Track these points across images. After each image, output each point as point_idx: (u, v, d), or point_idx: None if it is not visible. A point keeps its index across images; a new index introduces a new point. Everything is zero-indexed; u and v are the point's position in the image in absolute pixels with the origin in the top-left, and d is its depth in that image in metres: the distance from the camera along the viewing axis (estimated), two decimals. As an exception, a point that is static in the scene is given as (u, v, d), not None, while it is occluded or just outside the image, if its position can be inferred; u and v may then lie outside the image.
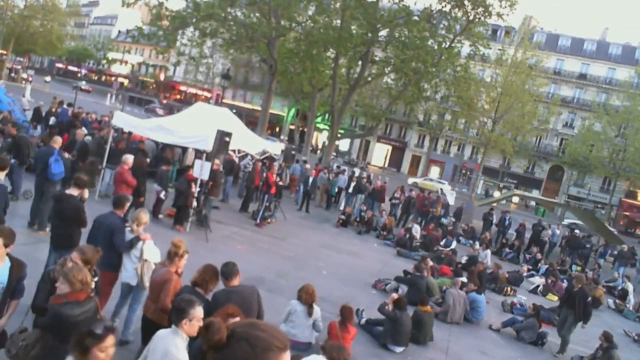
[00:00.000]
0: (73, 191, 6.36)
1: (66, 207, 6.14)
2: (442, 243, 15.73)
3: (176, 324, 3.41)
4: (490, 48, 23.78)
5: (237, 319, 3.18)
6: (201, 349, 3.45)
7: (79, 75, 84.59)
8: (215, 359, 1.45)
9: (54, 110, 17.09)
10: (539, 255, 17.08)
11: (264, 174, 14.34)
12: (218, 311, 3.59)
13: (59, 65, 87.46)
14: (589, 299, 8.67)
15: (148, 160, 12.27)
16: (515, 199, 38.34)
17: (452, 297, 9.41)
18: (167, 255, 4.97)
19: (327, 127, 40.95)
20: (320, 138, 55.20)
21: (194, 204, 10.90)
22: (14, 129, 11.46)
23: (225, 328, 1.48)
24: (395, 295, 7.73)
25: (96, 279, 4.12)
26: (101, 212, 5.87)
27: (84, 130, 13.32)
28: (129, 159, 9.91)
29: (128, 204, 5.90)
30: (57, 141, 9.07)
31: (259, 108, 35.44)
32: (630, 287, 14.90)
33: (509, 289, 12.91)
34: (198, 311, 3.44)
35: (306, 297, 6.38)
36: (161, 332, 3.55)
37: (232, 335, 1.43)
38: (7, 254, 4.16)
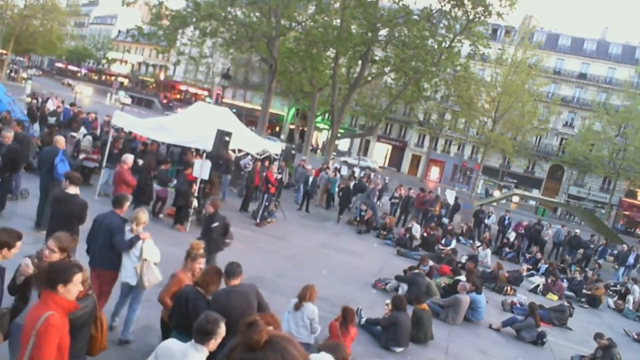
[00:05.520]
0: (72, 189, 6.38)
1: (73, 207, 6.23)
2: (442, 242, 15.73)
3: (202, 344, 3.21)
4: (490, 47, 23.73)
5: (271, 327, 3.13)
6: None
7: (78, 75, 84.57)
8: (244, 357, 1.47)
9: (46, 110, 17.10)
10: (539, 255, 17.08)
11: (264, 174, 14.34)
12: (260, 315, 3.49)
13: (59, 64, 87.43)
14: (215, 224, 8.08)
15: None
16: (516, 199, 38.33)
17: (461, 304, 9.38)
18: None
19: (327, 127, 40.98)
20: (320, 138, 55.17)
21: (194, 203, 10.90)
22: (19, 127, 11.43)
23: (266, 332, 1.49)
24: (390, 309, 7.70)
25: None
26: (101, 211, 5.86)
27: (11, 132, 9.35)
28: (129, 158, 9.91)
29: (127, 203, 5.89)
30: (61, 141, 9.05)
31: (259, 108, 35.40)
32: (636, 289, 14.80)
33: (508, 288, 12.90)
34: (223, 328, 3.27)
35: (302, 291, 6.23)
36: (176, 345, 3.32)
37: (270, 342, 1.47)
38: None
